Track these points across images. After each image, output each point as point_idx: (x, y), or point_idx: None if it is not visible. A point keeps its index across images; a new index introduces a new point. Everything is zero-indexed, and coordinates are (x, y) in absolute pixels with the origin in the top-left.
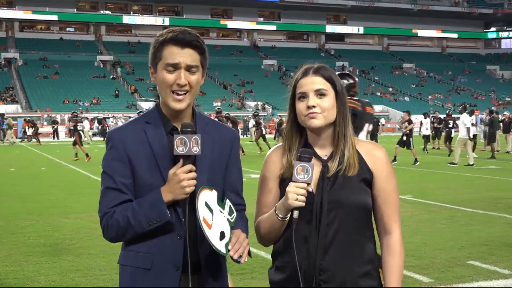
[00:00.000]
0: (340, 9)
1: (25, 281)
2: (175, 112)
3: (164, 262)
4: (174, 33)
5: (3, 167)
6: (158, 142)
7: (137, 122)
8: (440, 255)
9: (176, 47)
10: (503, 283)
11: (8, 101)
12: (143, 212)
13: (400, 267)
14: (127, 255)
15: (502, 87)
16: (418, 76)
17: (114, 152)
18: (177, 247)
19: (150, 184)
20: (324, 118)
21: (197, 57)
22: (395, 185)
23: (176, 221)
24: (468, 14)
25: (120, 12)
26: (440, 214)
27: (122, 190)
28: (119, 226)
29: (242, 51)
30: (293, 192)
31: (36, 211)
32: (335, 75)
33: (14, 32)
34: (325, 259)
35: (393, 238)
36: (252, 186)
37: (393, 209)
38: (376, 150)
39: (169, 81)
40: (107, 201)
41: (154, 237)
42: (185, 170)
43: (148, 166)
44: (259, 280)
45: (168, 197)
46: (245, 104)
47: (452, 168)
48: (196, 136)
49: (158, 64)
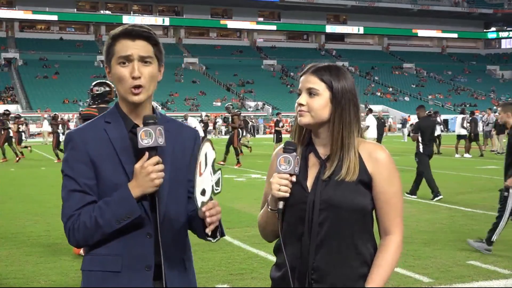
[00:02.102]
0: (340, 9)
1: (25, 281)
2: (134, 109)
3: (135, 263)
4: (124, 28)
5: (3, 167)
6: (119, 140)
7: (97, 122)
8: (440, 255)
9: (127, 40)
10: (503, 283)
11: (8, 101)
12: (111, 210)
13: (387, 263)
14: (94, 260)
15: (502, 87)
16: (418, 76)
17: (75, 154)
18: (147, 246)
19: (115, 184)
20: (312, 117)
21: (150, 48)
22: (396, 188)
23: (145, 218)
24: (468, 14)
25: (120, 12)
26: (440, 214)
27: (87, 191)
28: (86, 228)
29: (242, 51)
30: (276, 182)
31: (36, 211)
32: (335, 76)
33: (14, 32)
34: (316, 258)
35: (389, 238)
36: (251, 186)
37: (394, 212)
38: (377, 152)
39: (123, 75)
40: (72, 204)
41: (122, 237)
42: (153, 162)
43: (112, 166)
44: (259, 280)
45: (137, 192)
46: (245, 104)
47: (452, 168)
48: (159, 127)
49: (112, 60)
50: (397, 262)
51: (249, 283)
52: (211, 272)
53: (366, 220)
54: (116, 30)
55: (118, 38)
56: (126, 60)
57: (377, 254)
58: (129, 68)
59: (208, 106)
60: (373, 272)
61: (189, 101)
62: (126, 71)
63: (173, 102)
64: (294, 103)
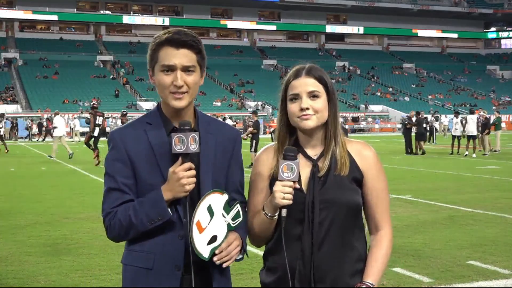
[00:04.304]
0: (340, 9)
1: (25, 281)
2: (176, 112)
3: (165, 262)
4: (169, 34)
5: (3, 167)
6: (158, 142)
7: (138, 122)
8: (440, 255)
9: (171, 48)
10: (503, 283)
11: (8, 101)
12: (144, 211)
13: (383, 258)
14: (130, 255)
15: (502, 87)
16: (418, 76)
17: (115, 153)
18: (178, 247)
19: (151, 184)
20: (317, 119)
21: (193, 57)
22: (385, 184)
23: (177, 221)
24: (468, 14)
25: (120, 12)
26: (440, 214)
27: (124, 190)
28: (121, 225)
29: (242, 51)
30: (280, 191)
31: (36, 211)
32: (326, 75)
33: (14, 32)
34: (318, 257)
35: (381, 233)
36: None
37: (383, 207)
38: (365, 149)
39: (166, 83)
40: (110, 201)
41: (155, 237)
42: (184, 168)
43: (149, 166)
44: (259, 280)
45: (168, 196)
46: (245, 104)
47: (452, 168)
48: (194, 134)
49: (155, 66)
50: (389, 255)
51: (249, 283)
52: None
53: (359, 217)
54: (161, 37)
55: (163, 45)
56: (169, 69)
57: (371, 250)
58: (172, 76)
59: (208, 106)
60: (370, 266)
61: None
62: (169, 80)
63: None
64: None
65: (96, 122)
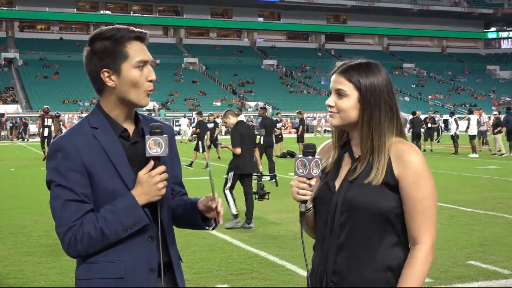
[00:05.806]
0: (340, 9)
1: (25, 281)
2: (128, 113)
3: (138, 267)
4: (130, 30)
5: (3, 167)
6: (111, 146)
7: (83, 128)
8: (440, 255)
9: (140, 43)
10: (503, 283)
11: (8, 101)
12: (117, 220)
13: (414, 277)
14: (91, 268)
15: (502, 87)
16: (418, 76)
17: (69, 163)
18: (150, 249)
19: (113, 191)
20: (341, 118)
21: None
22: (425, 193)
23: (148, 223)
24: (468, 14)
25: (120, 12)
26: (440, 214)
27: (85, 200)
28: (91, 238)
29: (242, 51)
30: (295, 186)
31: (36, 211)
32: (365, 75)
33: (14, 32)
34: (337, 260)
35: (416, 248)
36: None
37: (421, 218)
38: (408, 154)
39: (142, 79)
40: (70, 214)
41: (121, 244)
42: (160, 172)
43: (107, 173)
44: (259, 280)
45: (143, 200)
46: (245, 104)
47: (452, 168)
48: (166, 136)
49: (122, 64)
50: (426, 272)
51: (249, 283)
52: (211, 272)
53: (389, 224)
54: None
55: (131, 40)
56: (144, 64)
57: (404, 266)
58: (145, 72)
59: (208, 106)
60: (400, 283)
61: (189, 101)
62: (145, 74)
63: (173, 102)
64: (294, 103)
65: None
